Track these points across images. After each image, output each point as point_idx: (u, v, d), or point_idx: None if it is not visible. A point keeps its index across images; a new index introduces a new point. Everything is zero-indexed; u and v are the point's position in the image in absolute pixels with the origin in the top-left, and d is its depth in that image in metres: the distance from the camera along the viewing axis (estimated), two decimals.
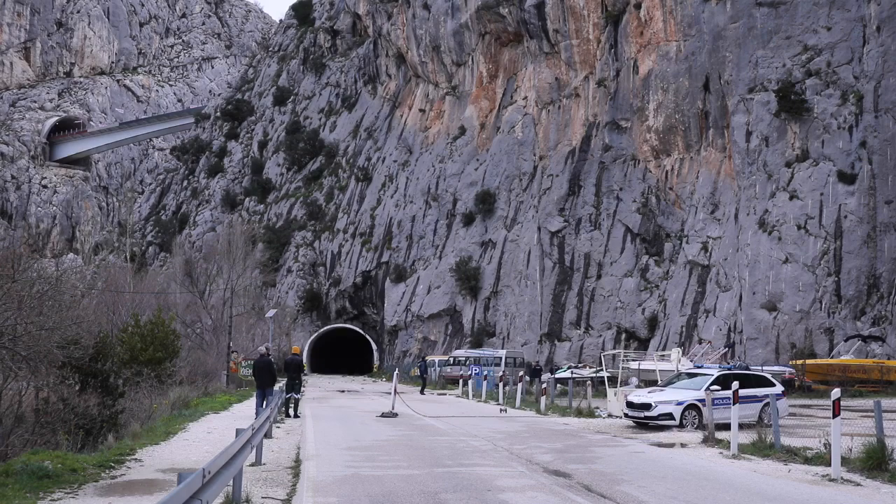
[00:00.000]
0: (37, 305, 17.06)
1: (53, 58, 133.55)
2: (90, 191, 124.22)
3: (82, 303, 27.04)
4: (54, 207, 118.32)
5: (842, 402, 13.32)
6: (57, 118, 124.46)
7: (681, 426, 20.69)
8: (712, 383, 20.96)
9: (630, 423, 22.31)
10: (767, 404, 21.22)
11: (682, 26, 57.14)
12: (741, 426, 19.93)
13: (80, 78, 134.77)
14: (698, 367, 26.42)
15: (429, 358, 55.37)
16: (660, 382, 25.75)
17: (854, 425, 19.19)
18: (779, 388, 22.27)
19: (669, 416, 20.78)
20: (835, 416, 12.89)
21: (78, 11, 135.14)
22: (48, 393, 18.12)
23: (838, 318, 45.21)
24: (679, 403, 20.91)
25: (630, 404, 21.87)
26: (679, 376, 24.12)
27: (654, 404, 21.01)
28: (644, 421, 21.30)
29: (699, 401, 20.68)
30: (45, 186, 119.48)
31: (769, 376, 23.82)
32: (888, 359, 40.33)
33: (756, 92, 52.18)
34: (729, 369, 36.06)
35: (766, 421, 20.86)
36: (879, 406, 13.47)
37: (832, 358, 41.45)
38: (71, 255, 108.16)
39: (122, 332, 28.47)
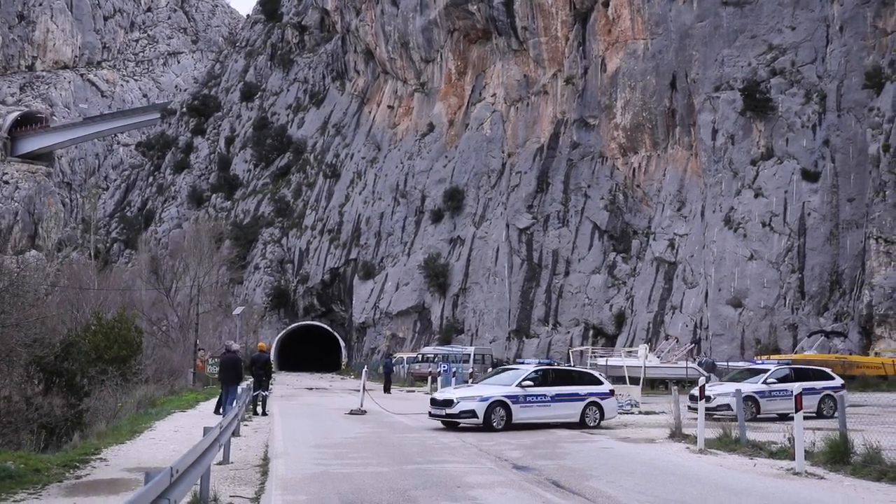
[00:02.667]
0: None
1: (15, 51, 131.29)
2: (53, 187, 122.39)
3: (46, 300, 26.62)
4: (16, 203, 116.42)
5: (803, 397, 13.47)
6: (19, 113, 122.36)
7: (486, 426, 18.85)
8: (525, 379, 19.71)
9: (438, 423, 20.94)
10: (593, 403, 20.34)
11: (649, 25, 57.58)
12: (562, 425, 19.89)
13: (43, 72, 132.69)
14: (519, 362, 25.27)
15: (396, 355, 55.26)
16: (471, 380, 24.08)
17: (818, 419, 19.49)
18: (608, 386, 21.31)
19: (472, 413, 18.95)
20: (797, 410, 13.08)
21: (40, 4, 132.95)
22: (10, 392, 17.82)
23: (802, 314, 45.88)
24: (483, 400, 19.02)
25: (434, 401, 20.08)
26: (498, 371, 23.16)
27: (455, 400, 19.22)
28: (447, 419, 19.44)
29: (508, 397, 19.24)
30: (6, 182, 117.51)
31: (596, 373, 22.76)
32: (850, 354, 40.97)
33: (722, 90, 52.75)
34: (714, 363, 36.46)
35: (589, 422, 20.11)
36: (843, 400, 13.67)
37: (796, 353, 42.01)
38: (33, 252, 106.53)
39: (85, 331, 28.06)
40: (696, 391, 23.76)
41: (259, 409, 24.58)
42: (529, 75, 66.58)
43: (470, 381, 31.56)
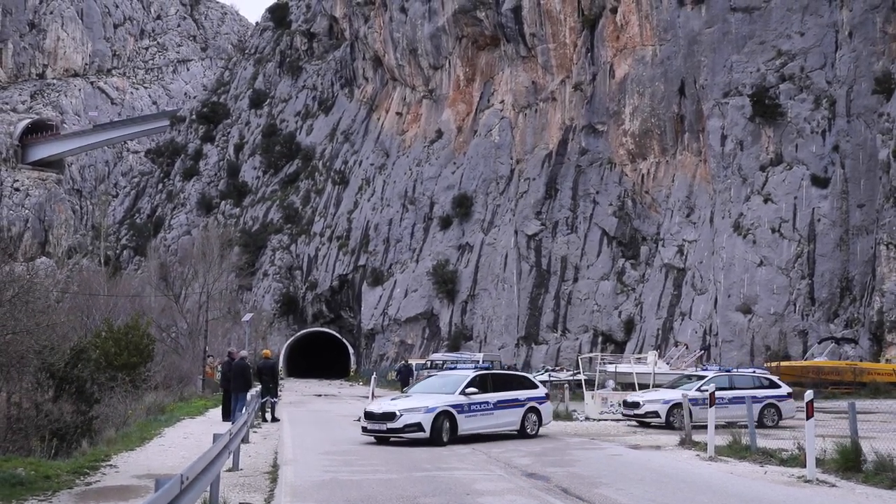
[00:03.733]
0: (9, 310, 16.84)
1: (26, 59, 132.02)
2: (63, 194, 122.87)
3: (56, 307, 26.72)
4: (27, 211, 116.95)
5: (815, 404, 13.42)
6: (29, 120, 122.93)
7: (433, 440, 17.40)
8: (468, 385, 18.57)
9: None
10: (532, 409, 19.49)
11: (657, 31, 57.55)
12: (502, 435, 19.03)
13: (53, 80, 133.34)
14: (450, 367, 24.10)
15: (412, 361, 55.16)
16: (406, 389, 21.43)
17: (828, 427, 19.39)
18: (543, 390, 20.70)
19: (418, 426, 17.41)
20: (808, 417, 13.01)
21: (51, 12, 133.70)
22: (21, 398, 17.87)
23: (812, 320, 45.69)
24: (429, 411, 17.51)
25: (369, 415, 18.21)
26: (428, 377, 22.15)
27: (398, 413, 17.58)
28: (387, 435, 17.85)
29: (454, 406, 17.96)
30: (17, 189, 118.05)
31: (530, 376, 21.97)
32: (861, 360, 40.78)
33: (731, 96, 52.65)
34: (714, 370, 36.33)
35: (529, 430, 19.26)
36: (854, 408, 13.61)
37: (806, 360, 41.85)
38: (44, 259, 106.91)
39: (95, 337, 28.16)
40: (629, 398, 23.79)
41: (269, 416, 24.60)
42: (538, 82, 66.61)
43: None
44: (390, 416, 17.66)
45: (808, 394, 13.13)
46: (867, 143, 47.16)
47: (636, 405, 22.92)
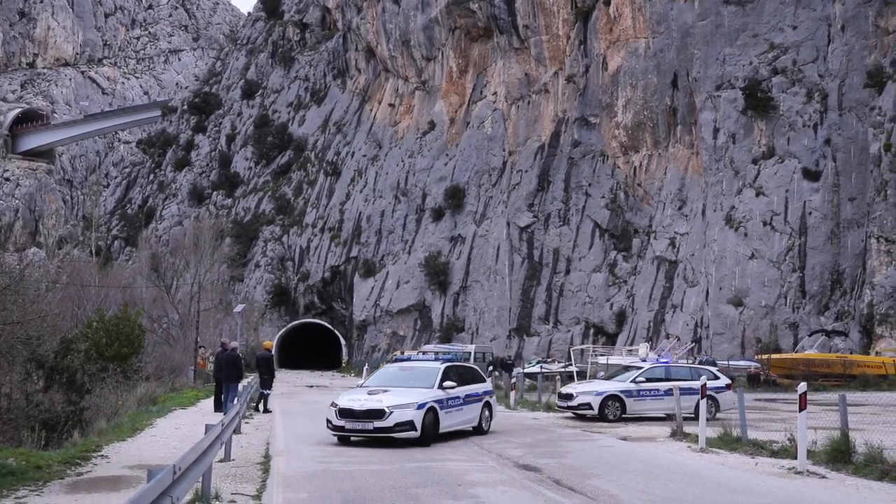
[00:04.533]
0: (0, 300, 16.75)
1: (16, 48, 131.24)
2: (54, 184, 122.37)
3: (46, 297, 26.62)
4: (17, 201, 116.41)
5: (807, 396, 13.46)
6: (19, 110, 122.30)
7: (422, 440, 15.78)
8: (444, 378, 17.19)
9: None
10: (487, 404, 18.48)
11: (650, 23, 57.53)
12: (462, 433, 17.56)
13: (44, 69, 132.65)
14: (403, 357, 21.95)
15: (408, 353, 55.11)
16: (364, 382, 18.99)
17: (818, 419, 19.48)
18: (490, 385, 20.07)
19: (410, 425, 15.62)
20: (801, 409, 13.06)
21: (41, 1, 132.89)
22: (11, 389, 17.80)
23: (802, 313, 45.88)
24: (420, 407, 15.84)
25: (347, 413, 15.96)
26: (386, 369, 19.58)
27: (388, 411, 15.61)
28: (372, 436, 15.84)
29: (437, 402, 16.39)
30: (7, 179, 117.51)
31: (480, 371, 20.60)
32: (851, 353, 40.97)
33: (723, 89, 52.71)
34: (705, 362, 36.31)
35: (484, 426, 18.22)
36: (844, 400, 13.66)
37: (796, 352, 42.03)
38: (34, 249, 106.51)
39: (86, 328, 28.07)
40: (563, 390, 23.73)
41: (261, 407, 24.60)
42: (531, 74, 66.54)
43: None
44: (378, 414, 15.47)
45: (802, 386, 13.17)
46: (859, 136, 47.30)
47: (569, 397, 22.49)
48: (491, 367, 37.74)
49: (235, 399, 20.99)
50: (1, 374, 17.29)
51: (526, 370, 40.81)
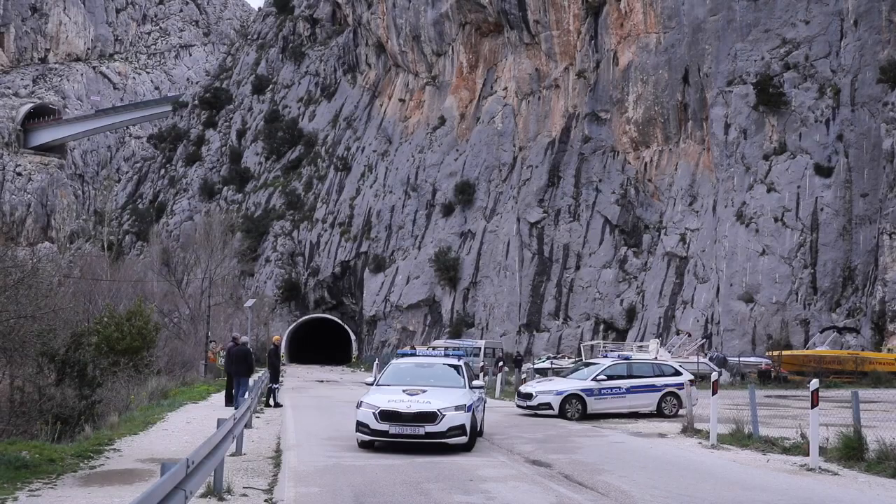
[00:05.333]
0: (12, 294, 16.83)
1: (28, 43, 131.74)
2: (65, 179, 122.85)
3: (59, 292, 26.73)
4: (29, 195, 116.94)
5: (819, 393, 13.41)
6: (31, 105, 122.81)
7: (468, 445, 14.61)
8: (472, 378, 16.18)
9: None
10: (483, 401, 17.09)
11: (661, 18, 57.31)
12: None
13: (56, 64, 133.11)
14: (405, 353, 19.60)
15: (419, 348, 55.11)
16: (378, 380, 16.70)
17: (830, 416, 19.43)
18: (481, 381, 18.07)
19: (461, 429, 14.33)
20: (813, 406, 13.01)
21: None
22: (24, 382, 17.90)
23: (814, 309, 45.69)
24: (469, 409, 14.50)
25: (391, 415, 14.14)
26: (403, 365, 17.10)
27: (440, 414, 14.09)
28: (421, 441, 14.18)
29: (474, 404, 14.97)
30: (19, 174, 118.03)
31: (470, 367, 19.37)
32: (862, 350, 40.81)
33: (735, 85, 52.49)
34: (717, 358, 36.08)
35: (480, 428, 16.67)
36: (857, 397, 13.62)
37: (808, 349, 41.90)
38: (46, 244, 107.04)
39: (97, 323, 28.18)
40: (522, 389, 23.29)
41: (272, 401, 24.68)
42: (541, 69, 66.40)
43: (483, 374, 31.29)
44: (430, 418, 13.99)
45: (814, 383, 13.11)
46: (871, 132, 47.02)
47: (529, 396, 21.81)
48: (501, 363, 37.76)
49: (246, 393, 21.06)
50: (14, 368, 17.40)
51: (536, 366, 40.79)
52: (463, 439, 14.32)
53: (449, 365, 16.81)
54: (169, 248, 62.39)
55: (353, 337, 72.20)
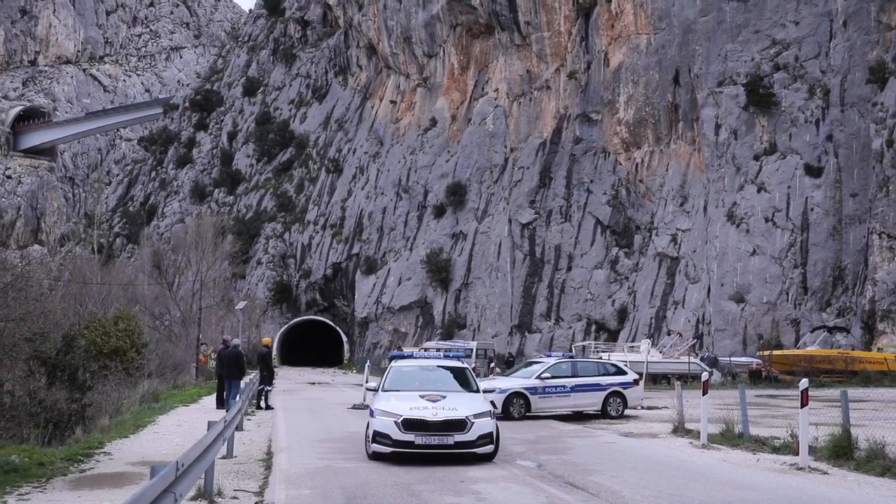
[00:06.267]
0: (2, 298, 16.77)
1: (17, 46, 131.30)
2: (56, 181, 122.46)
3: (49, 295, 26.63)
4: (19, 198, 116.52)
5: (808, 393, 13.46)
6: (21, 107, 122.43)
7: (492, 455, 13.58)
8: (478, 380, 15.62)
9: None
10: None
11: (652, 19, 57.46)
12: None
13: (46, 67, 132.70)
14: (399, 355, 18.87)
15: (407, 349, 55.15)
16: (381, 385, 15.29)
17: (820, 415, 19.51)
18: None
19: (489, 438, 13.56)
20: (803, 405, 13.05)
21: None
22: (13, 386, 17.83)
23: (804, 309, 45.86)
24: (494, 415, 13.99)
25: (415, 424, 13.04)
26: (406, 370, 15.83)
27: (468, 421, 13.14)
28: (450, 452, 13.16)
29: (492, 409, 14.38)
30: (9, 177, 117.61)
31: None
32: (852, 349, 40.97)
33: (725, 85, 52.66)
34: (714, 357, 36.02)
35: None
36: (846, 396, 13.67)
37: (798, 349, 42.05)
38: (36, 247, 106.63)
39: (84, 327, 28.09)
40: None
41: (263, 403, 24.64)
42: (532, 70, 66.49)
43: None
44: (458, 426, 13.06)
45: (803, 382, 13.16)
46: (861, 132, 47.25)
47: None
48: (492, 364, 37.77)
49: (238, 396, 21.02)
50: (4, 371, 17.32)
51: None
52: (490, 448, 13.36)
53: (457, 368, 15.89)
54: (160, 251, 62.28)
55: (344, 339, 72.13)
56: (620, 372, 22.15)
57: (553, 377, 21.08)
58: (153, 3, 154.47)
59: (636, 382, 22.23)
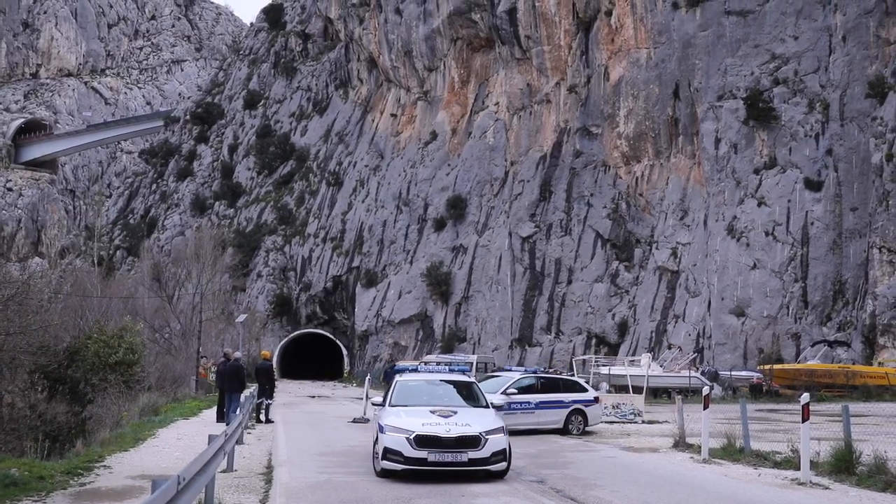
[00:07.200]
0: (2, 311, 16.79)
1: (19, 59, 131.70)
2: (56, 194, 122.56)
3: (49, 308, 26.63)
4: (19, 210, 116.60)
5: (810, 407, 13.46)
6: (23, 120, 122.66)
7: (506, 471, 13.34)
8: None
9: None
10: None
11: (652, 34, 57.66)
12: None
13: (47, 79, 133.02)
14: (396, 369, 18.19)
15: (401, 363, 55.07)
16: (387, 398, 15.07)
17: (821, 429, 19.47)
18: None
19: (503, 454, 13.25)
20: (804, 420, 13.04)
21: (45, 12, 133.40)
22: (14, 399, 17.82)
23: (805, 323, 45.81)
24: (507, 431, 13.70)
25: (428, 441, 12.81)
26: (414, 384, 15.69)
27: (482, 438, 12.97)
28: (465, 469, 12.93)
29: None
30: (10, 189, 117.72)
31: None
32: (853, 364, 40.91)
33: (725, 99, 52.79)
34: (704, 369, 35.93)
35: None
36: (847, 410, 13.66)
37: (799, 363, 41.98)
38: (37, 260, 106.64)
39: (87, 338, 28.08)
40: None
41: (263, 417, 24.59)
42: (532, 84, 66.67)
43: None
44: (472, 442, 12.81)
45: (805, 397, 13.17)
46: (860, 146, 47.35)
47: None
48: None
49: (238, 409, 20.99)
50: (4, 384, 17.32)
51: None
52: (503, 465, 13.09)
53: (463, 382, 15.70)
54: (160, 264, 62.24)
55: (344, 352, 72.01)
56: (581, 389, 21.84)
57: (518, 392, 20.52)
58: (155, 16, 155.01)
59: (597, 400, 21.85)
